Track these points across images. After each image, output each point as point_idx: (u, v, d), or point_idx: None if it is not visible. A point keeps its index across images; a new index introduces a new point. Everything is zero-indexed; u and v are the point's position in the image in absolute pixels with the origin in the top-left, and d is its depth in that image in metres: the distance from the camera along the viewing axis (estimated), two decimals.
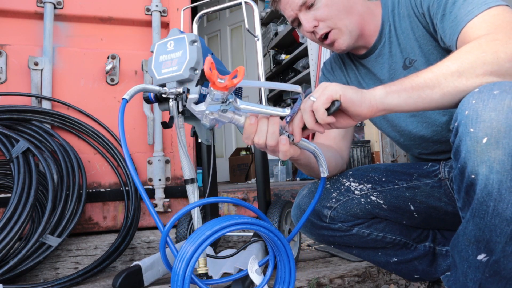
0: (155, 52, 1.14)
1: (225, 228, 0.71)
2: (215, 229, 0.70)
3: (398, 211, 1.03)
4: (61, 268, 1.54)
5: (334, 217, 1.04)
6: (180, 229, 1.49)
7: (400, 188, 1.02)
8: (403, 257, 1.09)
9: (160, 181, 1.82)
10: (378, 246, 1.08)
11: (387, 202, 1.02)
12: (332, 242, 1.10)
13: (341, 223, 1.04)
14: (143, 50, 1.95)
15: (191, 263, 0.67)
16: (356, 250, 1.11)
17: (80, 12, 1.87)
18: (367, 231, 1.05)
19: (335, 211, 1.04)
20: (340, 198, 1.05)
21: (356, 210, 1.04)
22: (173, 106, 1.07)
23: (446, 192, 0.99)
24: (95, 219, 1.73)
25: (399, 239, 1.07)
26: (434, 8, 0.87)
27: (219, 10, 1.54)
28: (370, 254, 1.11)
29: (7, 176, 1.59)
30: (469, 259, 0.72)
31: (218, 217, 0.77)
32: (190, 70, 1.08)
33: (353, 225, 1.05)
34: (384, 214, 1.04)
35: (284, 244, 0.78)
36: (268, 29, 3.97)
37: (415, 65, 0.97)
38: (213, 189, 1.43)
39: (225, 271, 1.35)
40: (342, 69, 1.17)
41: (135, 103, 1.87)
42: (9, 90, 1.70)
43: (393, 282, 1.35)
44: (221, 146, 4.11)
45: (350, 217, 1.04)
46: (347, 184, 1.06)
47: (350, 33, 0.99)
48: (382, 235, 1.06)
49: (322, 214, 1.05)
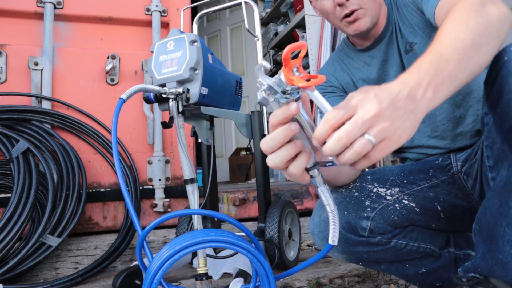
0: (155, 52, 1.14)
1: (197, 244, 0.67)
2: (184, 245, 0.67)
3: (429, 213, 0.99)
4: (61, 268, 1.54)
5: (374, 228, 0.95)
6: (180, 229, 1.49)
7: (424, 188, 0.99)
8: (430, 266, 1.04)
9: (160, 181, 1.82)
10: (409, 258, 1.02)
11: (418, 205, 0.98)
12: (365, 259, 1.01)
13: (381, 235, 0.96)
14: (143, 50, 1.95)
15: (155, 281, 0.66)
16: (384, 265, 1.05)
17: (80, 12, 1.88)
18: (404, 242, 0.98)
19: (374, 221, 0.95)
20: (375, 206, 0.96)
21: (394, 217, 0.96)
22: (173, 106, 1.07)
23: (460, 187, 0.98)
24: (95, 219, 1.73)
25: (430, 248, 1.03)
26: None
27: (219, 10, 1.54)
28: (398, 268, 1.05)
29: (7, 176, 1.59)
30: (508, 214, 0.69)
31: (200, 230, 0.74)
32: (190, 70, 1.08)
33: (392, 237, 0.97)
34: (418, 218, 0.99)
35: (265, 268, 0.71)
36: (268, 29, 3.97)
37: (414, 48, 1.03)
38: (213, 189, 1.43)
39: (225, 271, 1.35)
40: (344, 70, 1.17)
41: (135, 103, 1.87)
42: (9, 90, 1.70)
43: (393, 282, 1.35)
44: (221, 146, 4.11)
45: (389, 227, 0.97)
46: (375, 190, 0.98)
47: (372, 17, 1.02)
48: (416, 245, 1.00)
49: (360, 227, 0.94)
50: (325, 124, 0.53)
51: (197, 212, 0.77)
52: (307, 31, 2.82)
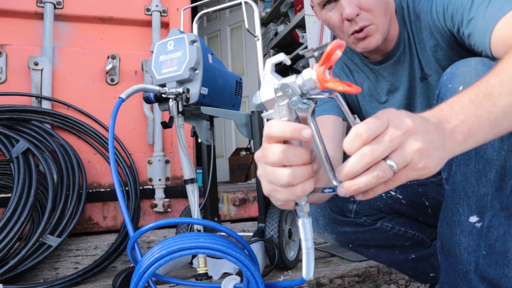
0: (155, 52, 1.14)
1: (182, 250, 0.65)
2: (168, 251, 0.65)
3: (416, 207, 1.04)
4: (61, 268, 1.54)
5: (359, 211, 1.03)
6: (180, 229, 1.49)
7: (413, 184, 1.02)
8: (420, 253, 1.09)
9: (160, 181, 1.82)
10: (397, 244, 1.08)
11: (405, 197, 1.02)
12: (353, 240, 1.08)
13: (366, 217, 1.04)
14: (143, 50, 1.95)
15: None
16: (374, 249, 1.10)
17: (80, 12, 1.87)
18: (390, 224, 1.04)
19: (360, 205, 1.03)
20: None
21: (379, 204, 1.03)
22: (173, 106, 1.07)
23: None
24: (95, 219, 1.73)
25: (418, 235, 1.08)
26: (458, 15, 0.79)
27: (219, 10, 1.54)
28: (387, 253, 1.10)
29: (7, 176, 1.59)
30: (460, 221, 0.72)
31: (190, 234, 0.71)
32: (190, 70, 1.08)
33: (377, 219, 1.04)
34: (404, 209, 1.04)
35: (256, 277, 0.69)
36: (268, 29, 3.96)
37: (429, 79, 0.94)
38: (213, 189, 1.43)
39: (225, 271, 1.35)
40: (348, 76, 1.09)
41: (135, 103, 1.87)
42: (9, 90, 1.70)
43: (393, 282, 1.35)
44: (221, 146, 4.11)
45: (374, 211, 1.04)
46: None
47: (383, 34, 0.89)
48: (403, 230, 1.06)
49: (346, 209, 1.03)
50: (356, 139, 0.45)
51: (186, 221, 0.74)
52: (307, 31, 2.82)
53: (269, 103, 0.47)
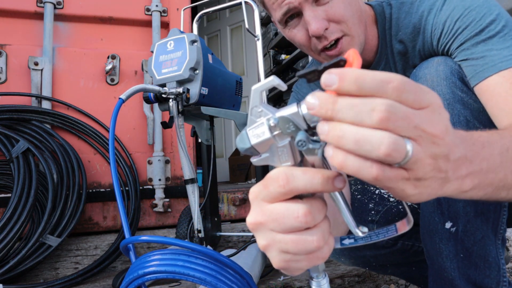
0: (155, 52, 1.14)
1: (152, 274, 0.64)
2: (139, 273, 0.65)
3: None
4: (61, 268, 1.54)
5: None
6: (180, 229, 1.49)
7: None
8: None
9: (160, 181, 1.82)
10: (415, 260, 1.01)
11: (418, 205, 0.96)
12: (371, 263, 0.99)
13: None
14: (143, 50, 1.95)
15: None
16: (391, 269, 1.03)
17: (80, 12, 1.87)
18: (410, 242, 0.95)
19: (379, 224, 0.91)
20: (379, 209, 0.93)
21: (398, 220, 0.93)
22: (173, 106, 1.07)
23: None
24: (95, 219, 1.73)
25: None
26: (449, 33, 0.71)
27: (219, 10, 1.54)
28: (405, 271, 1.04)
29: (7, 176, 1.59)
30: (438, 230, 0.70)
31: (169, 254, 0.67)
32: (190, 70, 1.08)
33: (398, 238, 0.96)
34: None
35: None
36: (268, 29, 3.96)
37: None
38: (213, 189, 1.43)
39: None
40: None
41: (135, 103, 1.87)
42: (9, 90, 1.70)
43: (393, 282, 1.35)
44: (221, 146, 4.11)
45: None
46: (377, 191, 0.93)
47: (361, 44, 0.76)
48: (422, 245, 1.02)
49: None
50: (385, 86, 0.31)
51: (173, 242, 0.68)
52: None
53: (263, 145, 0.35)
